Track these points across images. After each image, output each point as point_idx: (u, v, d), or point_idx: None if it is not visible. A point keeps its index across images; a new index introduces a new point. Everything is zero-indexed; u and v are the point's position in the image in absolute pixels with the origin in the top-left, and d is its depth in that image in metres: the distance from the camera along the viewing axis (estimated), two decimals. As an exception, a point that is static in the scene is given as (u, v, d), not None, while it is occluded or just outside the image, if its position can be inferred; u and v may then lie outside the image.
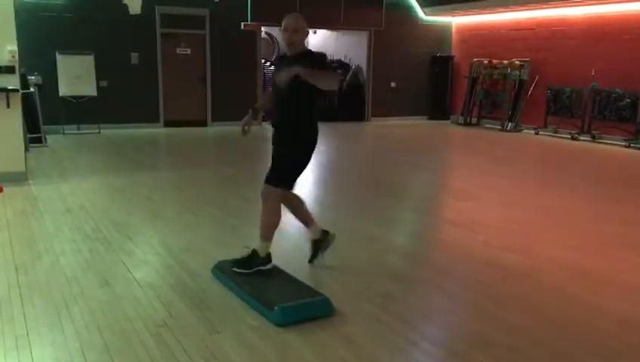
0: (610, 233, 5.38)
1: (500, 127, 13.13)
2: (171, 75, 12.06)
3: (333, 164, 9.09)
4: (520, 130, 12.82)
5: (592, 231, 5.49)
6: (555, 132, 12.11)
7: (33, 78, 9.69)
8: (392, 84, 14.39)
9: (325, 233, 4.18)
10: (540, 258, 4.59)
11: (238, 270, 3.81)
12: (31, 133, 9.08)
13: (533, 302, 3.74)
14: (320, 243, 4.17)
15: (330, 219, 5.72)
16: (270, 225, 3.84)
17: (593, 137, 11.39)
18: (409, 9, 14.34)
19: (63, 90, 10.84)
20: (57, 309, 3.41)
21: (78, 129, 11.05)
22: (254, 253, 3.85)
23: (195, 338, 3.09)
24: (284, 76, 3.46)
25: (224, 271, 3.89)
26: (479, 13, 13.80)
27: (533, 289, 3.94)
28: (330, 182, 7.93)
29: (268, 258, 3.86)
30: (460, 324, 3.49)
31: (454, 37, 14.92)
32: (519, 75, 12.88)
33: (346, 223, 5.45)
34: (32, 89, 9.42)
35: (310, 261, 4.20)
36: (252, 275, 3.78)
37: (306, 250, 4.34)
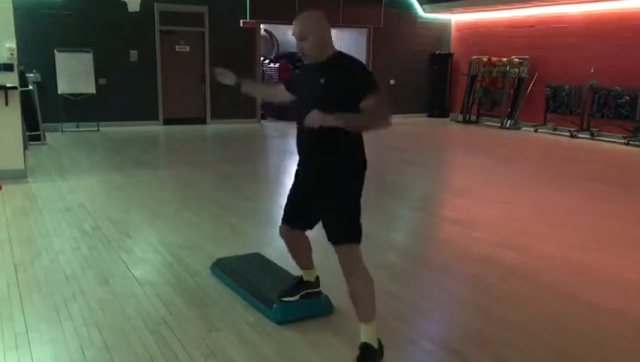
0: (609, 230, 5.38)
1: (499, 125, 13.13)
2: (170, 73, 12.03)
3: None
4: (519, 128, 12.81)
5: (592, 228, 5.49)
6: (554, 129, 12.11)
7: (32, 75, 9.68)
8: (391, 82, 14.36)
9: (317, 279, 3.40)
10: (540, 255, 4.59)
11: None
12: (30, 131, 9.08)
13: (533, 299, 3.75)
14: (310, 286, 3.35)
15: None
16: (372, 296, 2.85)
17: (592, 135, 11.40)
18: (408, 6, 14.32)
19: (62, 87, 10.83)
20: (57, 307, 3.41)
21: (77, 127, 11.04)
22: (368, 348, 2.78)
23: (195, 336, 3.09)
24: (314, 120, 2.55)
25: (223, 268, 3.89)
26: (478, 11, 13.78)
27: (532, 287, 3.95)
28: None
29: (380, 344, 2.85)
30: (459, 322, 3.49)
31: (453, 34, 14.90)
32: (518, 73, 12.88)
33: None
34: (30, 87, 9.40)
35: (282, 296, 3.31)
36: (252, 272, 3.78)
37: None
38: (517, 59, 12.85)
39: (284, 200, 3.18)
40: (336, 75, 2.75)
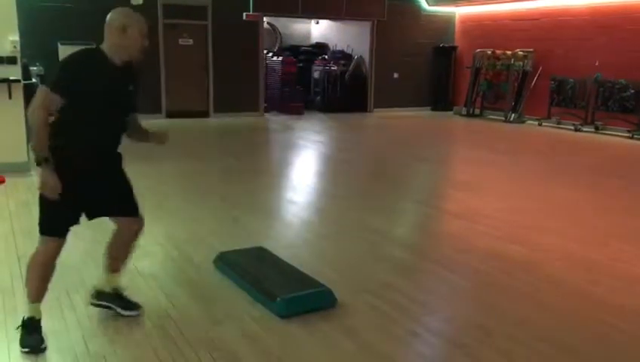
0: (612, 224, 5.36)
1: (503, 118, 13.08)
2: (173, 66, 12.01)
3: (335, 155, 9.07)
4: (523, 121, 12.77)
5: (595, 222, 5.47)
6: (559, 123, 12.06)
7: (35, 68, 9.67)
8: (395, 75, 14.32)
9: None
10: (542, 249, 4.58)
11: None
12: (33, 124, 9.07)
13: (535, 293, 3.74)
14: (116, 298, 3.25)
15: (331, 210, 5.73)
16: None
17: (596, 128, 11.34)
18: (412, -1, 14.28)
19: (65, 80, 10.81)
20: (59, 299, 3.41)
21: (81, 120, 11.03)
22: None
23: (198, 330, 3.09)
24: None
25: (227, 262, 3.89)
26: (483, 4, 13.72)
27: (535, 281, 3.94)
28: (331, 172, 7.91)
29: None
30: (461, 315, 3.49)
31: (457, 27, 14.84)
32: (522, 66, 12.82)
33: (348, 214, 5.45)
34: (34, 80, 9.39)
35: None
36: (255, 266, 3.77)
37: (308, 240, 4.33)
38: (521, 53, 12.79)
39: (288, 194, 3.17)
40: (134, 82, 3.24)
